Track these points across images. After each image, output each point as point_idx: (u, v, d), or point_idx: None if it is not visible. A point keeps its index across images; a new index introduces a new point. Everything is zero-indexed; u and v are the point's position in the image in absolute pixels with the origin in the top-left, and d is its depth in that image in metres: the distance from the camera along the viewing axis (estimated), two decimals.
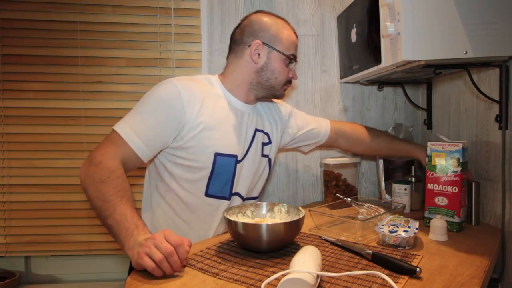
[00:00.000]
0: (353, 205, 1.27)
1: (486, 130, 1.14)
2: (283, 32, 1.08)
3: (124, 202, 0.85)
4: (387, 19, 1.01)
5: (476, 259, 0.85)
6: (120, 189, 0.87)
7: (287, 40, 1.08)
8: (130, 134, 0.94)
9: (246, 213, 1.01)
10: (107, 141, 0.95)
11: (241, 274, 0.77)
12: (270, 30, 1.07)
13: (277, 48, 1.07)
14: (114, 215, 0.83)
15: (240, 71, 1.10)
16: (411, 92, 1.59)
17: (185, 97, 0.98)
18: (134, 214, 0.85)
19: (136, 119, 0.97)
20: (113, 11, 1.53)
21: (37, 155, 1.53)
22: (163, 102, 0.98)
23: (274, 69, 1.08)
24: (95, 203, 0.88)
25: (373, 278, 0.73)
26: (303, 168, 1.59)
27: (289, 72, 1.11)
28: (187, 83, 1.01)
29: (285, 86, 1.13)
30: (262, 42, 1.06)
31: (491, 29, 0.95)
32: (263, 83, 1.09)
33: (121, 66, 1.54)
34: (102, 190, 0.86)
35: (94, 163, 0.90)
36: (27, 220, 1.54)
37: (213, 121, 1.02)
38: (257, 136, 1.15)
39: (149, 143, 0.96)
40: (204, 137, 1.01)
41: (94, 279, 1.65)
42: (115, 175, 0.88)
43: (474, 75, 1.14)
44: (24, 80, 1.52)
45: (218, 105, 1.06)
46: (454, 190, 1.03)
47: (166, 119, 0.97)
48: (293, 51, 1.10)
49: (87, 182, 0.90)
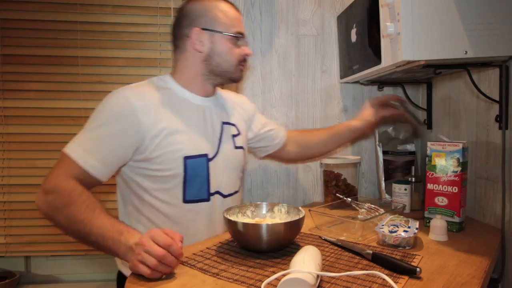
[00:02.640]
0: (353, 205, 1.27)
1: (486, 130, 1.14)
2: (220, 10, 1.02)
3: (97, 214, 0.83)
4: (387, 19, 1.01)
5: (476, 259, 0.85)
6: (88, 205, 0.84)
7: (227, 18, 1.02)
8: (83, 155, 0.89)
9: (246, 213, 1.01)
10: (58, 166, 0.89)
11: (241, 274, 0.77)
12: (206, 14, 1.01)
13: (217, 29, 1.01)
14: (93, 230, 0.81)
15: (189, 65, 1.05)
16: (411, 92, 1.59)
17: (138, 107, 0.93)
18: (113, 221, 0.82)
19: (88, 138, 0.92)
20: (113, 11, 1.53)
21: (37, 155, 1.53)
22: (115, 115, 0.92)
23: (222, 52, 1.02)
24: (68, 229, 0.85)
25: (373, 278, 0.73)
26: (303, 168, 1.59)
27: (239, 50, 1.05)
28: (138, 91, 0.96)
29: (240, 66, 1.07)
30: (201, 28, 1.01)
31: (491, 29, 0.95)
32: (215, 70, 1.04)
33: (121, 66, 1.54)
34: (70, 213, 0.83)
35: (49, 191, 0.86)
36: (27, 220, 1.54)
37: (175, 124, 0.98)
38: (225, 129, 1.10)
39: (106, 161, 0.91)
40: (169, 142, 0.96)
41: (94, 279, 1.65)
42: (76, 194, 0.84)
43: (474, 75, 1.14)
44: (24, 80, 1.52)
45: (177, 106, 1.01)
46: (454, 190, 1.03)
47: (121, 132, 0.92)
48: (237, 28, 1.04)
49: (49, 212, 0.87)
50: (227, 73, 1.06)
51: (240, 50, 1.05)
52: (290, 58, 1.57)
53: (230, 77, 1.08)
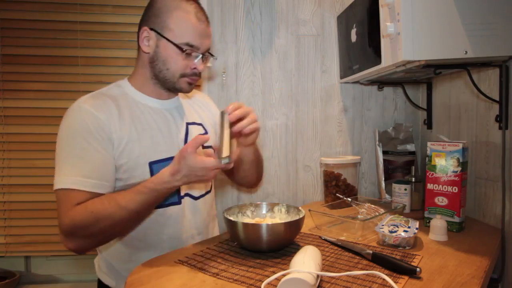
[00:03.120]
0: (353, 205, 1.27)
1: (486, 130, 1.14)
2: (176, 15, 0.92)
3: (120, 197, 0.84)
4: (387, 19, 1.01)
5: (476, 259, 0.85)
6: (107, 200, 0.84)
7: (181, 26, 0.92)
8: (81, 181, 0.84)
9: (246, 213, 1.01)
10: (59, 207, 0.85)
11: (241, 274, 0.77)
12: (160, 14, 0.93)
13: (164, 35, 0.92)
14: (130, 208, 0.82)
15: (140, 65, 1.00)
16: (411, 92, 1.59)
17: (101, 116, 0.89)
18: (134, 189, 0.84)
19: (74, 164, 0.86)
20: (113, 11, 1.53)
21: (37, 155, 1.53)
22: (87, 131, 0.87)
23: (165, 59, 0.94)
24: (114, 232, 0.86)
25: (373, 278, 0.73)
26: (303, 168, 1.59)
27: (188, 63, 0.95)
28: (94, 102, 0.92)
29: (184, 79, 0.97)
30: (149, 28, 0.94)
31: (491, 29, 0.95)
32: (157, 75, 0.97)
33: (121, 66, 1.54)
34: (102, 224, 0.82)
35: (69, 231, 0.83)
36: (27, 220, 1.54)
37: (135, 130, 0.93)
38: (191, 130, 1.04)
39: (106, 176, 0.88)
40: (131, 150, 0.92)
41: (94, 279, 1.64)
42: (90, 207, 0.83)
43: (474, 75, 1.14)
44: (24, 80, 1.52)
45: (137, 112, 0.96)
46: (454, 190, 1.03)
47: (100, 143, 0.88)
48: (189, 39, 0.93)
49: (87, 244, 0.86)
50: (169, 82, 0.97)
51: (188, 63, 0.95)
52: (290, 58, 1.57)
53: (173, 87, 0.99)
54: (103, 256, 1.02)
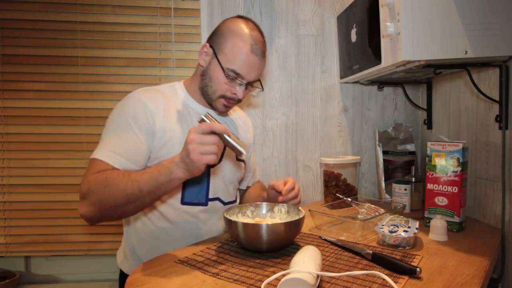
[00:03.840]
0: (353, 205, 1.27)
1: (486, 130, 1.14)
2: (233, 42, 0.99)
3: (134, 173, 0.85)
4: (387, 19, 1.01)
5: (476, 259, 0.85)
6: (122, 173, 0.86)
7: (233, 52, 0.98)
8: (110, 155, 0.90)
9: (246, 213, 1.01)
10: (87, 171, 0.90)
11: (241, 274, 0.77)
12: (222, 36, 1.01)
13: (218, 56, 1.00)
14: (141, 184, 0.82)
15: (196, 74, 1.08)
16: (411, 92, 1.59)
17: (151, 107, 0.97)
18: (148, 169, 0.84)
19: (111, 140, 0.93)
20: (113, 11, 1.53)
21: (37, 155, 1.53)
22: (133, 117, 0.95)
23: (212, 77, 1.02)
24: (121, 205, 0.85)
25: (373, 278, 0.73)
26: (303, 168, 1.59)
27: (230, 87, 1.02)
28: (150, 95, 1.00)
29: (222, 99, 1.04)
30: (209, 45, 1.02)
31: (491, 29, 0.95)
32: (203, 88, 1.05)
33: (121, 66, 1.54)
34: (112, 189, 0.83)
35: (85, 192, 0.86)
36: (27, 220, 1.54)
37: (180, 128, 1.00)
38: None
39: (132, 158, 0.92)
40: (173, 145, 0.97)
41: (94, 279, 1.65)
42: (108, 173, 0.85)
43: (474, 75, 1.14)
44: (24, 80, 1.52)
45: (183, 113, 1.03)
46: (454, 190, 1.03)
47: (141, 131, 0.95)
48: (236, 66, 0.98)
49: (96, 210, 0.86)
50: (208, 97, 1.05)
51: (231, 87, 1.02)
52: (290, 58, 1.57)
53: (210, 103, 1.06)
54: (128, 246, 1.05)
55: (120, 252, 1.11)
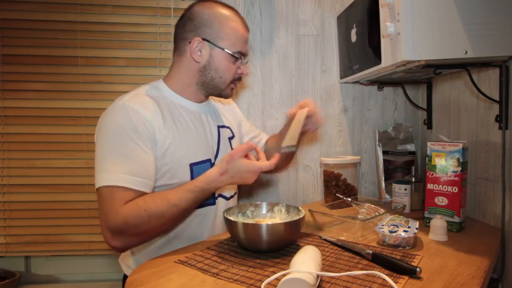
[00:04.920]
0: (353, 205, 1.27)
1: (486, 130, 1.14)
2: (228, 25, 0.98)
3: (171, 195, 0.87)
4: (387, 19, 1.01)
5: (476, 259, 0.85)
6: (157, 197, 0.87)
7: (233, 35, 0.99)
8: (131, 179, 0.85)
9: (246, 213, 1.01)
10: (105, 204, 0.84)
11: (241, 274, 0.77)
12: (212, 25, 0.97)
13: (219, 45, 0.98)
14: (183, 206, 0.87)
15: (184, 71, 1.02)
16: (411, 92, 1.59)
17: (147, 116, 0.91)
18: (183, 187, 0.89)
19: (122, 161, 0.87)
20: (113, 11, 1.53)
21: (37, 155, 1.53)
22: (133, 130, 0.89)
23: (218, 68, 1.00)
24: (166, 226, 0.90)
25: (373, 278, 0.73)
26: (303, 168, 1.59)
27: (237, 69, 1.03)
28: (140, 101, 0.93)
29: (231, 84, 1.05)
30: (202, 39, 0.97)
31: (491, 29, 0.95)
32: (208, 83, 1.02)
33: (121, 66, 1.54)
34: (157, 218, 0.85)
35: (120, 229, 0.84)
36: (27, 220, 1.54)
37: (177, 132, 0.97)
38: (222, 133, 1.10)
39: (150, 175, 0.90)
40: (174, 151, 0.95)
41: (94, 279, 1.65)
42: (142, 204, 0.84)
43: (474, 75, 1.14)
44: (24, 80, 1.52)
45: (176, 113, 1.00)
46: (454, 190, 1.03)
47: (146, 143, 0.90)
48: (240, 47, 1.00)
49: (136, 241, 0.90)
50: (218, 89, 1.04)
51: (237, 69, 1.03)
52: (290, 58, 1.57)
53: (219, 93, 1.06)
54: (135, 254, 1.03)
55: (125, 259, 1.08)
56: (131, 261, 1.03)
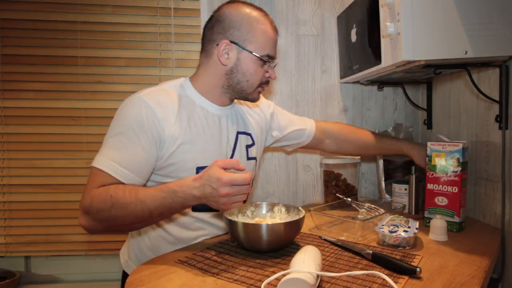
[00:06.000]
0: (353, 205, 1.26)
1: (486, 130, 1.14)
2: (257, 28, 0.96)
3: (142, 191, 0.84)
4: (387, 19, 1.01)
5: (476, 259, 0.85)
6: (129, 190, 0.83)
7: (262, 38, 0.96)
8: (111, 164, 0.86)
9: (246, 213, 1.01)
10: (88, 182, 0.87)
11: (241, 274, 0.77)
12: (241, 27, 0.95)
13: (248, 48, 0.96)
14: (151, 207, 0.82)
15: (210, 73, 1.00)
16: (411, 92, 1.59)
17: (159, 114, 0.90)
18: (157, 187, 0.84)
19: (113, 148, 0.88)
20: (113, 11, 1.53)
21: (37, 155, 1.53)
22: (139, 124, 0.89)
23: (245, 71, 0.98)
24: (128, 225, 0.86)
25: (373, 278, 0.73)
26: (303, 168, 1.59)
27: (264, 72, 1.00)
28: (157, 97, 0.93)
29: (259, 88, 1.02)
30: (230, 41, 0.96)
31: (491, 29, 0.95)
32: (234, 86, 1.00)
33: (121, 66, 1.54)
34: (119, 211, 0.82)
35: (88, 208, 0.84)
36: (27, 220, 1.54)
37: (190, 133, 0.95)
38: (240, 139, 1.07)
39: (135, 168, 0.88)
40: (183, 152, 0.94)
41: (94, 279, 1.65)
42: (112, 191, 0.83)
43: (474, 75, 1.14)
44: (24, 80, 1.52)
45: (194, 114, 0.98)
46: (454, 190, 1.03)
47: (148, 140, 0.89)
48: (269, 51, 0.98)
49: (100, 226, 0.86)
50: (244, 92, 1.01)
51: (265, 72, 1.01)
52: (290, 58, 1.57)
53: (246, 97, 1.03)
54: (134, 249, 1.03)
55: (125, 253, 1.09)
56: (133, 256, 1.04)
